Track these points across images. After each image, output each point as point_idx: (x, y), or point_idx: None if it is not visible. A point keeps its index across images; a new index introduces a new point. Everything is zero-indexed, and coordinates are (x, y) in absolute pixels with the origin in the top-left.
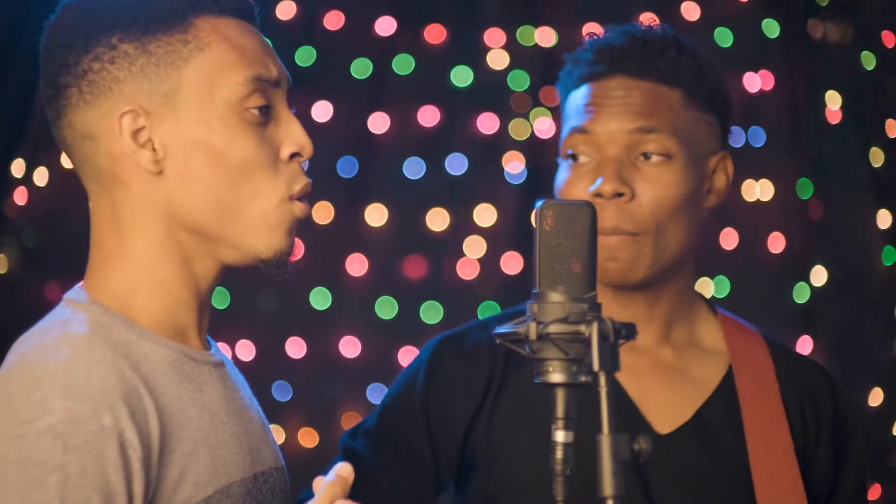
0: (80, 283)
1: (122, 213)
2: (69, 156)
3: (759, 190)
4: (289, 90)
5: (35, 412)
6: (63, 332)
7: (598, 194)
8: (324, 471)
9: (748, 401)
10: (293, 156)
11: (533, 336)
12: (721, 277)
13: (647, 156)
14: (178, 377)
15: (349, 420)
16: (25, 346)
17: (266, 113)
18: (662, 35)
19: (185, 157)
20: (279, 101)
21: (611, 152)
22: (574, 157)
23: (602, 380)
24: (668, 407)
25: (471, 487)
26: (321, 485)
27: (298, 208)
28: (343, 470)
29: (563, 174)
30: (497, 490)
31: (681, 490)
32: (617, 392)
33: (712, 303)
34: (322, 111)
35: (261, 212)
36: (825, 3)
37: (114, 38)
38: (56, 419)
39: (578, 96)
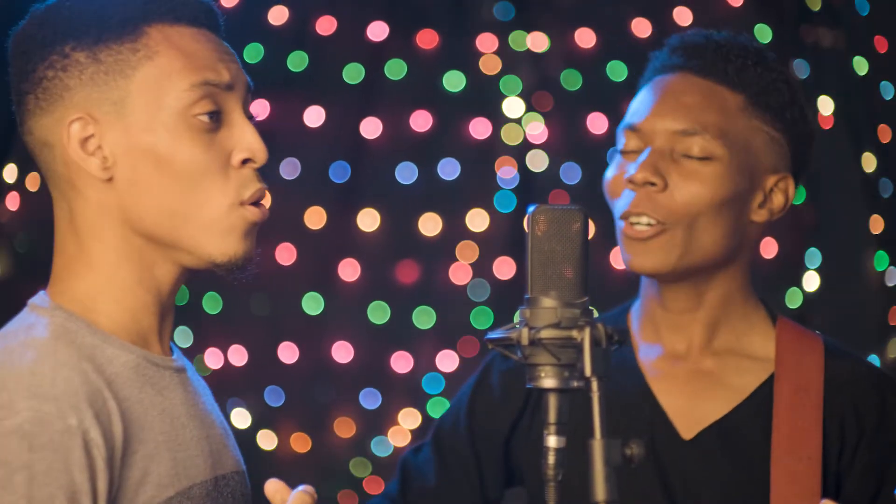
0: (44, 290)
1: (80, 219)
2: (35, 161)
3: None
4: (249, 95)
5: (1, 413)
6: (28, 336)
7: (630, 180)
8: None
9: (783, 407)
10: (245, 161)
11: (525, 341)
12: None
13: (689, 155)
14: (139, 381)
15: (342, 425)
16: None
17: (216, 119)
18: (743, 44)
19: (134, 164)
20: (233, 105)
21: (655, 145)
22: (623, 152)
23: (594, 385)
24: (695, 413)
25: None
26: (293, 493)
27: (251, 213)
28: (310, 489)
29: (610, 167)
30: (538, 501)
31: (701, 493)
32: (647, 397)
33: (776, 311)
34: (314, 116)
35: (211, 217)
36: (817, 9)
37: (67, 47)
38: (22, 419)
39: (643, 91)
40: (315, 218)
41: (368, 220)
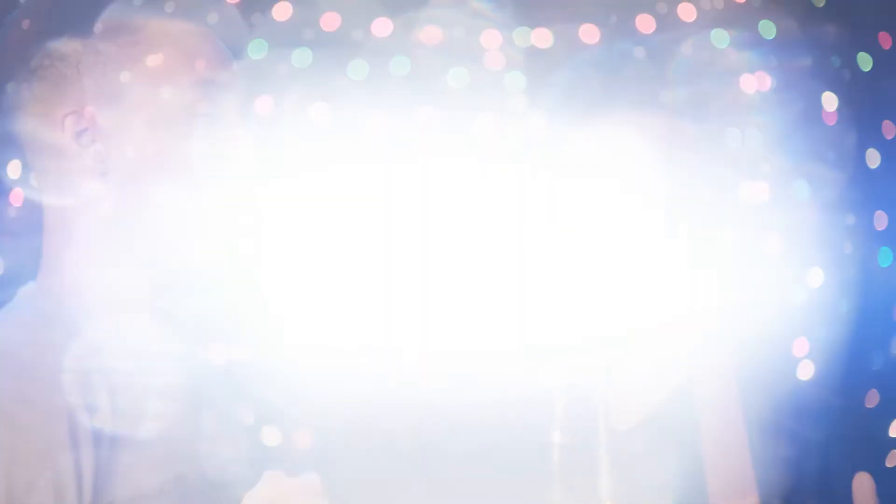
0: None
1: (69, 207)
2: (26, 150)
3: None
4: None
5: None
6: (13, 319)
7: None
8: None
9: None
10: None
11: None
12: None
13: None
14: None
15: None
16: None
17: (212, 118)
18: None
19: (129, 158)
20: (228, 105)
21: None
22: None
23: None
24: None
25: None
26: None
27: None
28: None
29: None
30: None
31: None
32: None
33: None
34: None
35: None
36: (822, 4)
37: (64, 36)
38: (6, 399)
39: None
40: None
41: None
